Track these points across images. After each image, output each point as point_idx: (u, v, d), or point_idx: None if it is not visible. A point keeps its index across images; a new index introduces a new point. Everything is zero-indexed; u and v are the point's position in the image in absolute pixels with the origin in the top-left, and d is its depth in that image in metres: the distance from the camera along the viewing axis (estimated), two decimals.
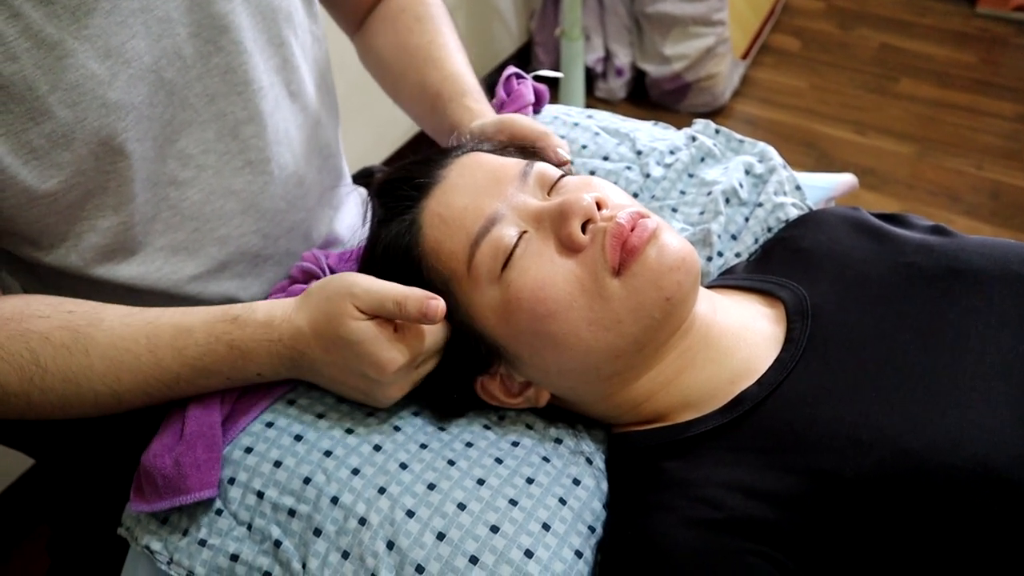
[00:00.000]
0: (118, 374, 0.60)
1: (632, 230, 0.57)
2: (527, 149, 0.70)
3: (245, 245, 0.76)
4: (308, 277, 0.74)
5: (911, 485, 0.50)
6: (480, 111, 0.77)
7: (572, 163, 0.71)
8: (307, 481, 0.59)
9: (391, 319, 0.58)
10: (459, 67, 0.82)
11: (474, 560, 0.54)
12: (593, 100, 2.42)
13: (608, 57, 2.39)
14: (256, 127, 0.73)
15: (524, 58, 2.52)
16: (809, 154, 2.22)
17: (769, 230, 0.78)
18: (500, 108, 0.84)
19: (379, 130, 1.95)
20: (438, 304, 0.56)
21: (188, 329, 0.60)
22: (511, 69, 0.87)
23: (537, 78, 0.89)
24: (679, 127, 0.89)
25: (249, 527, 0.59)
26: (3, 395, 0.59)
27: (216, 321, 0.61)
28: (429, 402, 0.65)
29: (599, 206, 0.59)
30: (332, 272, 0.73)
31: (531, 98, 0.84)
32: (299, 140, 0.79)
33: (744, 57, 2.42)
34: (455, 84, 0.80)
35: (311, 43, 0.80)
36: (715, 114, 2.36)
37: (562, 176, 0.64)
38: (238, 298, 0.78)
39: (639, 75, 2.41)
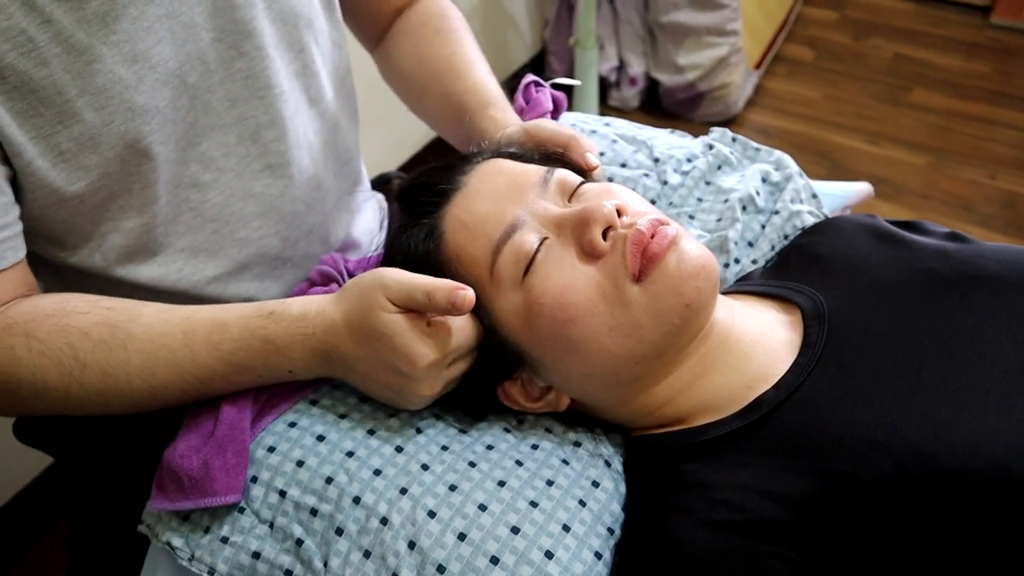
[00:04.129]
0: (154, 369, 0.61)
1: (652, 237, 0.58)
2: (552, 155, 0.70)
3: (264, 247, 0.77)
4: (327, 280, 0.74)
5: (928, 488, 0.50)
6: (505, 120, 0.77)
7: (600, 168, 0.71)
8: (329, 481, 0.60)
9: (423, 313, 0.58)
10: (482, 77, 0.83)
11: (495, 560, 0.55)
12: (606, 109, 2.43)
13: (622, 66, 2.40)
14: (277, 131, 0.74)
15: (538, 67, 2.53)
16: (822, 164, 2.22)
17: (786, 237, 0.79)
18: (520, 115, 0.85)
19: (397, 135, 1.96)
20: (467, 294, 0.56)
21: (224, 324, 0.61)
22: (530, 77, 0.88)
23: (555, 86, 0.90)
24: (694, 136, 0.90)
25: (271, 525, 0.60)
26: (43, 389, 0.60)
27: (252, 316, 0.61)
28: (451, 405, 0.65)
29: (619, 213, 0.60)
30: (351, 276, 0.74)
31: (549, 106, 0.85)
32: (318, 144, 0.80)
33: (757, 67, 2.43)
34: (479, 95, 0.80)
35: (331, 49, 0.81)
36: (728, 123, 2.36)
37: (583, 183, 0.64)
38: (257, 300, 0.79)
39: (652, 84, 2.42)
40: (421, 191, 0.66)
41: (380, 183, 1.02)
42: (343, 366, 0.61)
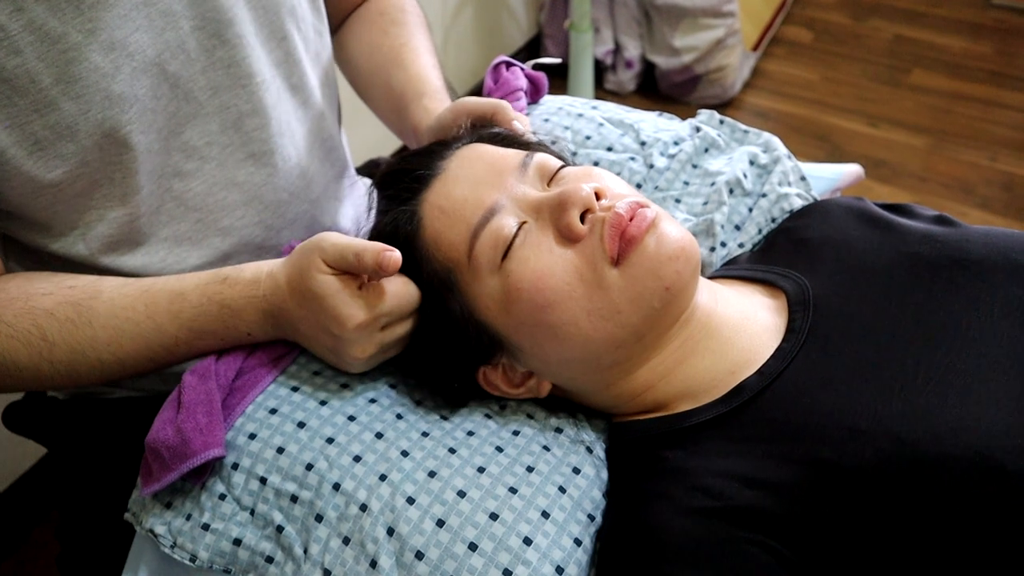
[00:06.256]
0: (120, 342, 0.63)
1: (631, 220, 0.57)
2: (492, 130, 0.70)
3: (248, 236, 0.76)
4: None
5: (910, 475, 0.50)
6: (436, 110, 0.76)
7: (535, 133, 0.71)
8: (309, 467, 0.59)
9: (358, 276, 0.59)
10: (424, 69, 0.82)
11: (473, 547, 0.54)
12: (602, 92, 2.41)
13: (617, 49, 2.39)
14: (259, 120, 0.73)
15: (534, 50, 2.52)
16: (821, 146, 2.21)
17: (773, 220, 0.78)
18: (488, 96, 0.84)
19: None
20: (392, 254, 0.57)
21: (182, 293, 0.63)
22: (499, 58, 0.87)
23: (537, 66, 0.89)
24: (687, 119, 0.89)
25: (252, 512, 0.60)
26: (15, 369, 0.62)
27: (208, 283, 0.63)
28: (431, 391, 0.65)
29: (598, 196, 0.59)
30: None
31: (520, 84, 0.84)
32: (301, 133, 0.79)
33: (755, 49, 2.41)
34: (417, 85, 0.80)
35: (314, 37, 0.80)
36: (725, 106, 2.34)
37: (562, 166, 0.64)
38: None
39: (649, 67, 2.40)
40: (400, 177, 0.66)
41: (370, 168, 1.02)
42: (290, 327, 0.62)
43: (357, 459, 0.59)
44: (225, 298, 0.62)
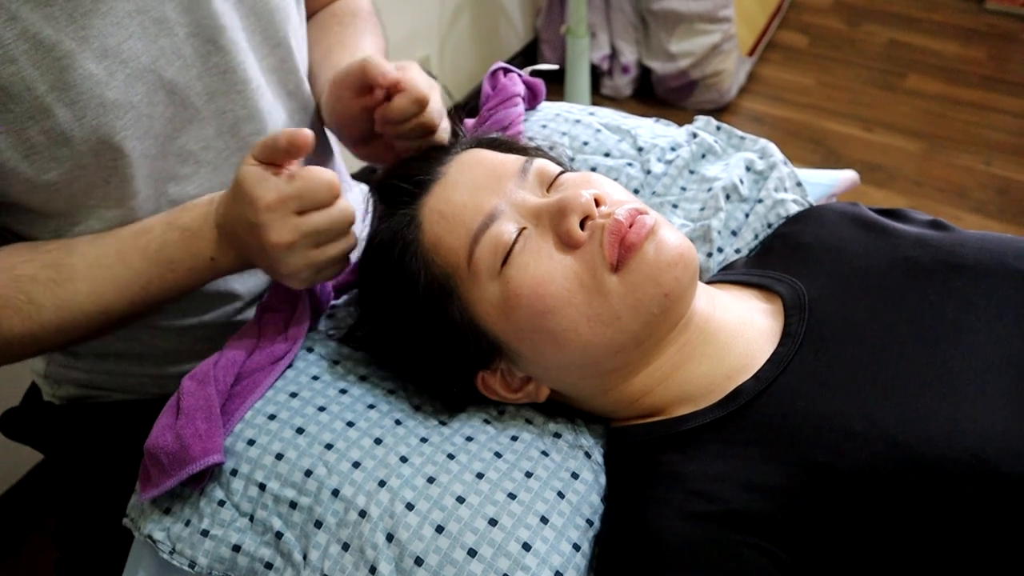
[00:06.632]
0: (101, 291, 0.64)
1: (630, 226, 0.58)
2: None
3: None
4: None
5: (905, 478, 0.50)
6: None
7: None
8: (308, 474, 0.59)
9: (280, 166, 0.60)
10: (346, 62, 0.80)
11: (472, 553, 0.55)
12: (599, 98, 2.42)
13: (614, 54, 2.39)
14: (255, 125, 0.74)
15: (530, 56, 2.52)
16: (816, 151, 2.22)
17: (769, 226, 0.78)
18: (485, 103, 0.84)
19: None
20: (305, 131, 0.59)
21: (147, 227, 0.66)
22: (497, 64, 0.87)
23: (535, 73, 0.89)
24: (683, 124, 0.90)
25: (251, 518, 0.60)
26: (12, 338, 0.63)
27: (170, 212, 0.67)
28: (430, 396, 0.65)
29: (597, 203, 0.60)
30: None
31: (517, 90, 0.84)
32: None
33: (751, 54, 2.42)
34: (332, 75, 0.78)
35: (305, 42, 0.81)
36: (721, 111, 2.35)
37: (562, 172, 0.64)
38: (235, 292, 0.79)
39: (645, 72, 2.40)
40: (399, 182, 0.66)
41: (366, 174, 1.02)
42: (235, 236, 0.64)
43: (356, 465, 0.59)
44: (185, 222, 0.65)
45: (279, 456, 0.61)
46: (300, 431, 0.62)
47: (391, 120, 0.66)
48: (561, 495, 0.59)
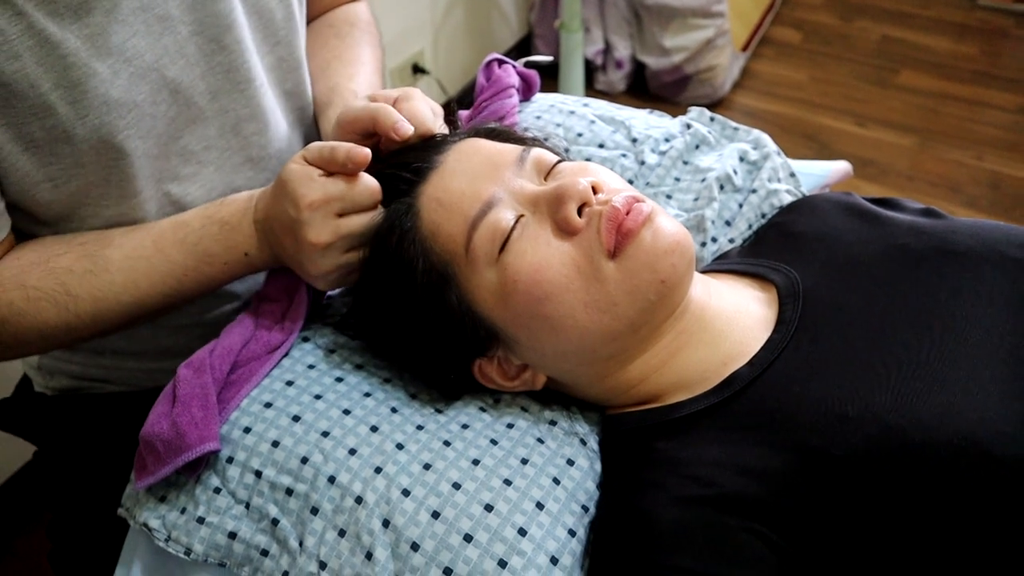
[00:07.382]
0: (137, 281, 0.65)
1: (627, 213, 0.58)
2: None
3: None
4: None
5: (897, 461, 0.51)
6: None
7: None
8: (304, 461, 0.60)
9: (327, 168, 0.61)
10: (342, 80, 0.81)
11: (468, 538, 0.55)
12: (593, 92, 2.42)
13: (608, 49, 2.39)
14: (258, 124, 0.74)
15: (524, 50, 2.52)
16: (809, 146, 2.23)
17: (763, 216, 0.79)
18: (480, 94, 0.84)
19: None
20: (363, 149, 0.60)
21: (185, 221, 0.67)
22: (491, 56, 0.87)
23: (529, 64, 0.89)
24: (678, 117, 0.90)
25: (247, 506, 0.60)
26: (46, 329, 0.64)
27: (208, 206, 0.68)
28: (427, 383, 0.65)
29: (595, 190, 0.60)
30: None
31: (512, 81, 0.84)
32: (297, 137, 0.80)
33: (744, 49, 2.42)
34: (329, 96, 0.80)
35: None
36: (715, 106, 2.36)
37: (559, 161, 0.64)
38: (235, 292, 0.79)
39: (639, 67, 2.41)
40: (397, 170, 0.66)
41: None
42: (271, 232, 0.64)
43: (352, 452, 0.60)
44: (223, 216, 0.66)
45: (275, 443, 0.61)
46: (296, 419, 0.62)
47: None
48: (557, 481, 0.59)
